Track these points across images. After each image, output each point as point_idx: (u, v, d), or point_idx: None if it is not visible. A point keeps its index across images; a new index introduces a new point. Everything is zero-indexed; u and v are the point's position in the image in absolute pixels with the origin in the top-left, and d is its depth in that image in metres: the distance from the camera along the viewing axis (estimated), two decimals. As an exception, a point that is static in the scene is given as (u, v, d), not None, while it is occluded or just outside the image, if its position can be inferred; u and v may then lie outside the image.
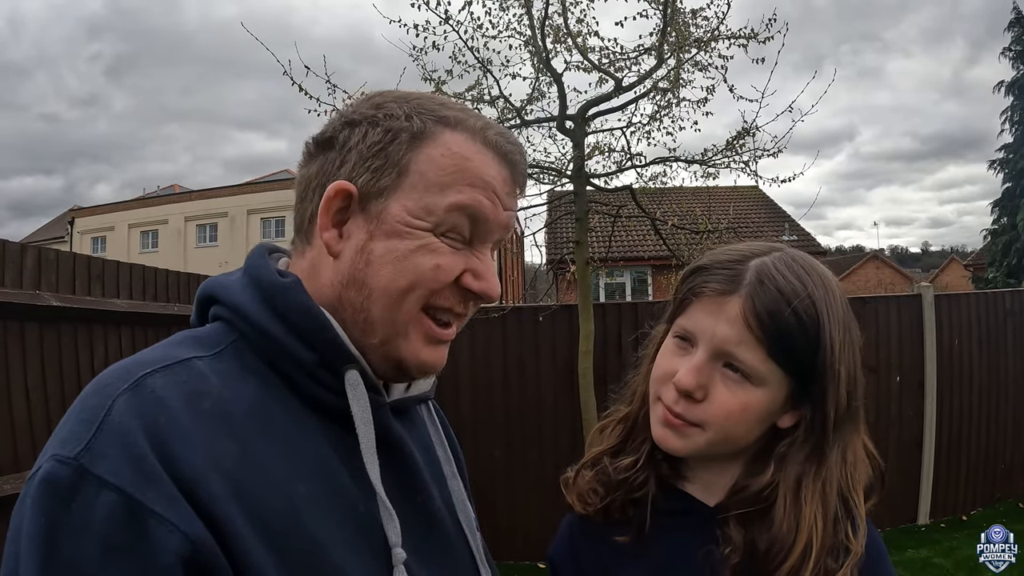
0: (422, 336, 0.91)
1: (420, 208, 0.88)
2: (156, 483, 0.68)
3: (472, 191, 0.90)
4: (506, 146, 0.94)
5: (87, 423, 0.70)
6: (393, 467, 0.92)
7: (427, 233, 0.88)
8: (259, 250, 0.96)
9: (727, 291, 1.06)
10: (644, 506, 1.14)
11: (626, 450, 1.21)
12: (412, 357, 0.91)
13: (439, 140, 0.90)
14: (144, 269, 4.44)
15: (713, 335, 1.05)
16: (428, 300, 0.89)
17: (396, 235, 0.88)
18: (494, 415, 6.31)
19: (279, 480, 0.77)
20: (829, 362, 1.03)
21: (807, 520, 1.02)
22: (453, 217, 0.89)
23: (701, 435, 1.07)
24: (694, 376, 1.05)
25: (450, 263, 0.89)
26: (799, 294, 1.04)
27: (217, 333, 0.87)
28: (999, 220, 28.42)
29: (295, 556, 0.75)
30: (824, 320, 1.04)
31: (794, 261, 1.09)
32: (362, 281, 0.89)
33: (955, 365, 6.88)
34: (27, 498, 0.68)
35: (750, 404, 1.05)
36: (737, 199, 24.42)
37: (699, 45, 5.80)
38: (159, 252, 36.20)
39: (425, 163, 0.89)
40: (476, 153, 0.92)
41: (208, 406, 0.76)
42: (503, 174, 0.94)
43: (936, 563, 5.65)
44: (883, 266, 50.37)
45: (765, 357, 1.03)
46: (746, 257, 1.09)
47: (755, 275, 1.05)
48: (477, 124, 0.93)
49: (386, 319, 0.89)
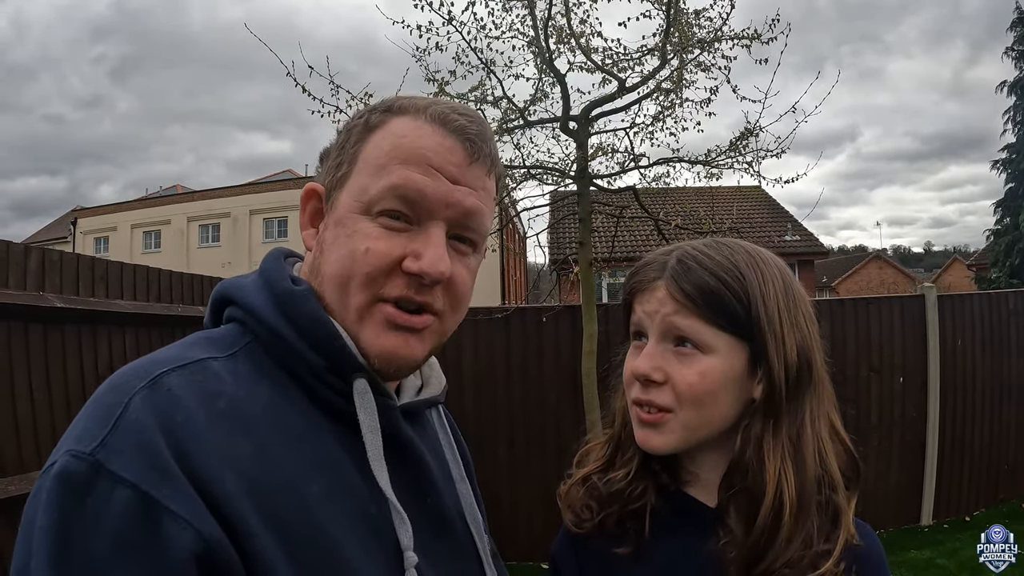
0: (381, 322, 0.88)
1: (359, 190, 0.90)
2: (171, 480, 0.68)
3: (403, 168, 0.88)
4: (451, 116, 0.92)
5: (103, 420, 0.71)
6: (403, 470, 0.92)
7: (362, 216, 0.88)
8: (275, 254, 0.97)
9: (655, 278, 1.12)
10: (642, 516, 1.15)
11: (616, 465, 1.22)
12: (371, 345, 0.88)
13: (387, 127, 0.92)
14: (148, 270, 4.44)
15: (652, 317, 1.11)
16: (375, 290, 0.87)
17: (340, 223, 0.90)
18: (498, 416, 6.32)
19: (293, 480, 0.78)
20: (764, 315, 1.07)
21: (771, 474, 1.04)
22: (386, 199, 0.88)
23: (675, 420, 1.09)
24: (648, 360, 1.10)
25: (382, 247, 0.87)
26: (715, 259, 1.10)
27: (232, 334, 0.88)
28: (1002, 220, 28.38)
29: (310, 555, 0.75)
30: (749, 276, 1.09)
31: (718, 242, 1.15)
32: (318, 269, 0.91)
33: (958, 366, 6.88)
34: (41, 491, 0.68)
35: (707, 371, 1.07)
36: (740, 199, 24.46)
37: (702, 46, 5.80)
38: (162, 252, 36.17)
39: (370, 150, 0.91)
40: (413, 129, 0.91)
41: (223, 406, 0.77)
42: (446, 143, 0.91)
43: (939, 564, 5.64)
44: (886, 266, 50.39)
45: (702, 322, 1.07)
46: (662, 253, 1.17)
47: (675, 258, 1.12)
48: (422, 104, 0.93)
49: (339, 306, 0.89)
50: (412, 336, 0.90)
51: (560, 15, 5.80)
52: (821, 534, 1.05)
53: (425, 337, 0.92)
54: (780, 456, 1.06)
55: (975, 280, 33.88)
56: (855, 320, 6.67)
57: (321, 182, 0.96)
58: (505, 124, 6.07)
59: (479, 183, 0.94)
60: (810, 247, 26.21)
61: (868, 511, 6.53)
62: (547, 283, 12.17)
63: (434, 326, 0.92)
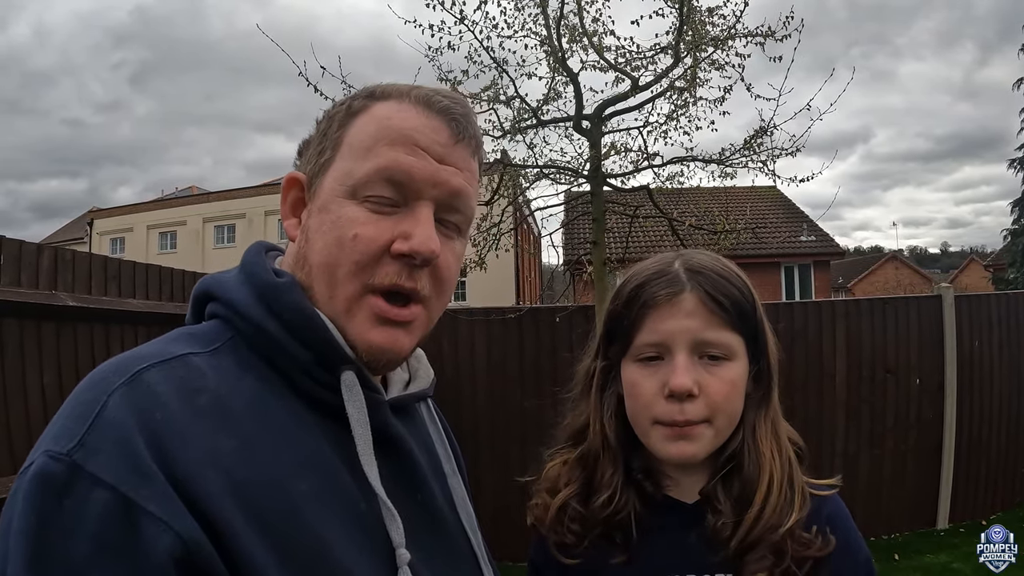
0: (370, 317, 0.87)
1: (343, 174, 0.88)
2: (150, 481, 0.67)
3: (390, 150, 0.88)
4: (435, 97, 0.92)
5: (81, 418, 0.69)
6: (393, 465, 0.91)
7: (347, 201, 0.87)
8: (256, 248, 0.96)
9: (675, 291, 1.13)
10: (626, 523, 1.17)
11: (596, 488, 1.21)
12: (359, 339, 0.87)
13: (369, 112, 0.91)
14: (160, 269, 4.45)
15: (684, 332, 1.12)
16: (365, 279, 0.86)
17: (324, 209, 0.88)
18: (510, 416, 6.29)
19: (279, 477, 0.76)
20: (761, 314, 1.17)
21: (767, 456, 1.14)
22: (373, 182, 0.87)
23: (709, 428, 1.12)
24: (687, 375, 1.10)
25: (371, 232, 0.86)
26: (724, 267, 1.18)
27: (214, 330, 0.87)
28: (1019, 220, 28.17)
29: (298, 555, 0.74)
30: (746, 279, 1.18)
31: (697, 251, 1.23)
32: (304, 258, 0.90)
33: (975, 367, 6.79)
34: (19, 493, 0.67)
35: (735, 379, 1.14)
36: (755, 199, 24.32)
37: (716, 43, 5.76)
38: (177, 253, 36.44)
39: (354, 134, 0.90)
40: (397, 111, 0.90)
41: (204, 402, 0.76)
42: (431, 124, 0.90)
43: (955, 568, 5.58)
44: (902, 267, 50.10)
45: (730, 331, 1.13)
46: (664, 264, 1.19)
47: (687, 270, 1.16)
48: (405, 89, 0.93)
49: (327, 297, 0.87)
50: (400, 330, 0.89)
51: (573, 14, 5.79)
52: (788, 501, 1.13)
53: (413, 330, 0.91)
54: (769, 440, 1.16)
55: (992, 281, 33.66)
56: (871, 321, 6.60)
57: (303, 171, 0.95)
58: (518, 123, 6.06)
59: (464, 163, 0.93)
60: (826, 247, 26.10)
61: (883, 514, 6.50)
62: (561, 283, 12.17)
63: (421, 317, 0.91)
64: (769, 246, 24.56)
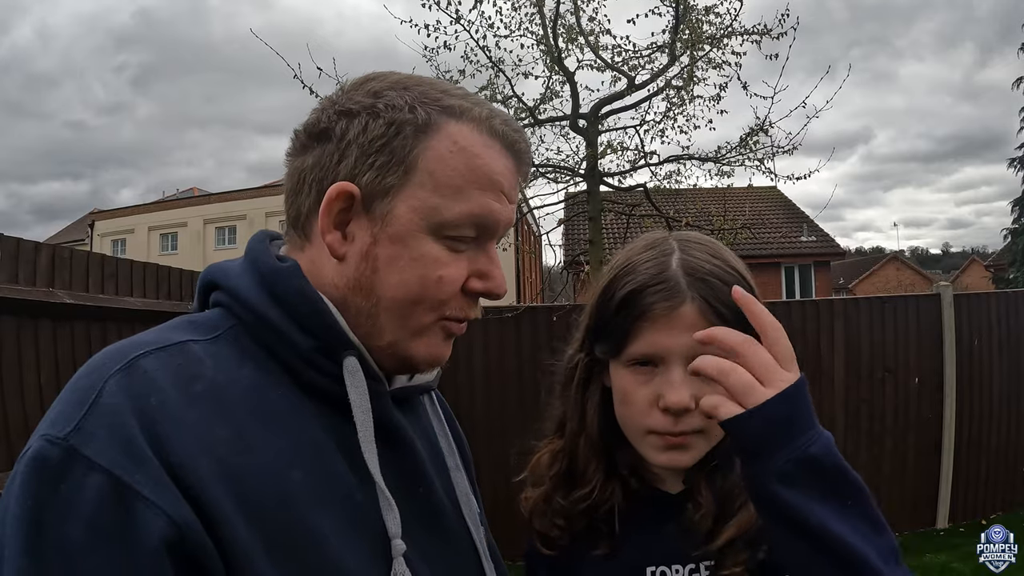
0: (440, 336, 0.91)
1: (428, 209, 0.85)
2: (144, 465, 0.67)
3: (482, 196, 0.87)
4: (512, 135, 0.91)
5: (78, 403, 0.70)
6: (393, 457, 0.90)
7: (428, 237, 0.85)
8: (260, 235, 0.95)
9: (674, 304, 1.07)
10: (610, 516, 1.16)
11: (577, 483, 1.21)
12: (424, 354, 0.90)
13: (445, 132, 0.86)
14: (158, 268, 4.47)
15: (682, 347, 1.05)
16: (442, 313, 0.88)
17: (400, 240, 0.85)
18: (509, 415, 6.28)
19: (273, 466, 0.76)
20: None
21: None
22: (462, 226, 0.86)
23: (703, 438, 1.09)
24: (684, 390, 1.05)
25: (454, 274, 0.87)
26: (723, 265, 1.10)
27: (215, 318, 0.86)
28: (1019, 219, 28.14)
29: (288, 543, 0.74)
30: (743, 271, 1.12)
31: (692, 240, 1.15)
32: (370, 288, 0.86)
33: (975, 366, 6.77)
34: (16, 476, 0.67)
35: None
36: (754, 199, 24.32)
37: (712, 42, 5.77)
38: (178, 254, 36.43)
39: (433, 161, 0.85)
40: (484, 147, 0.88)
41: (201, 389, 0.76)
42: (510, 167, 0.91)
43: (954, 568, 5.57)
44: (904, 267, 50.08)
45: None
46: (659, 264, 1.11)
47: (687, 274, 1.08)
48: (482, 113, 0.89)
49: (396, 326, 0.87)
50: (452, 339, 0.94)
51: (569, 13, 5.81)
52: None
53: None
54: None
55: (993, 280, 33.68)
56: (870, 320, 6.59)
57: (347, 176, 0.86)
58: (515, 123, 6.06)
59: (517, 195, 0.97)
60: (826, 248, 26.07)
61: (882, 514, 6.43)
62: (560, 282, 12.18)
63: None
64: (769, 246, 24.53)
